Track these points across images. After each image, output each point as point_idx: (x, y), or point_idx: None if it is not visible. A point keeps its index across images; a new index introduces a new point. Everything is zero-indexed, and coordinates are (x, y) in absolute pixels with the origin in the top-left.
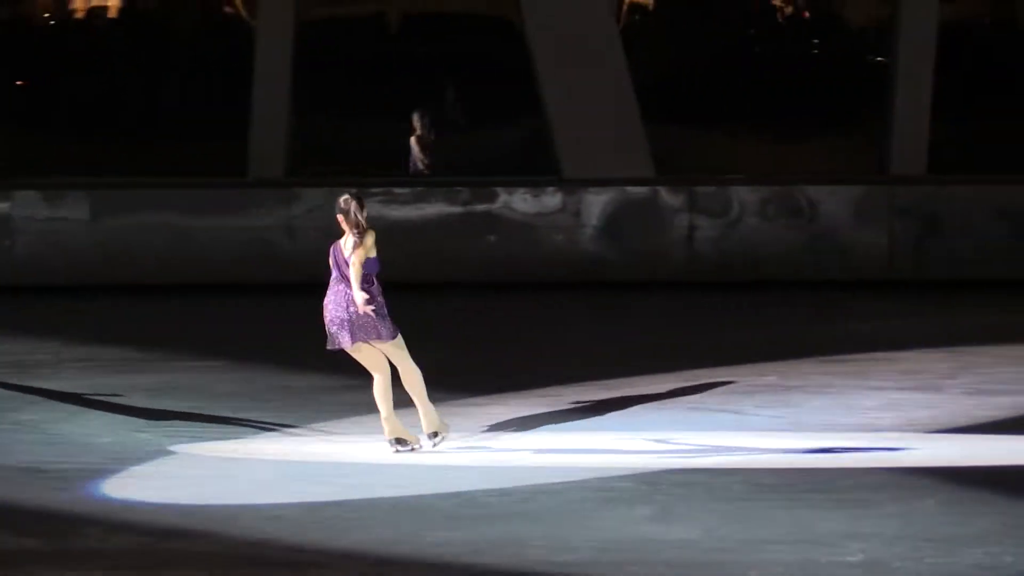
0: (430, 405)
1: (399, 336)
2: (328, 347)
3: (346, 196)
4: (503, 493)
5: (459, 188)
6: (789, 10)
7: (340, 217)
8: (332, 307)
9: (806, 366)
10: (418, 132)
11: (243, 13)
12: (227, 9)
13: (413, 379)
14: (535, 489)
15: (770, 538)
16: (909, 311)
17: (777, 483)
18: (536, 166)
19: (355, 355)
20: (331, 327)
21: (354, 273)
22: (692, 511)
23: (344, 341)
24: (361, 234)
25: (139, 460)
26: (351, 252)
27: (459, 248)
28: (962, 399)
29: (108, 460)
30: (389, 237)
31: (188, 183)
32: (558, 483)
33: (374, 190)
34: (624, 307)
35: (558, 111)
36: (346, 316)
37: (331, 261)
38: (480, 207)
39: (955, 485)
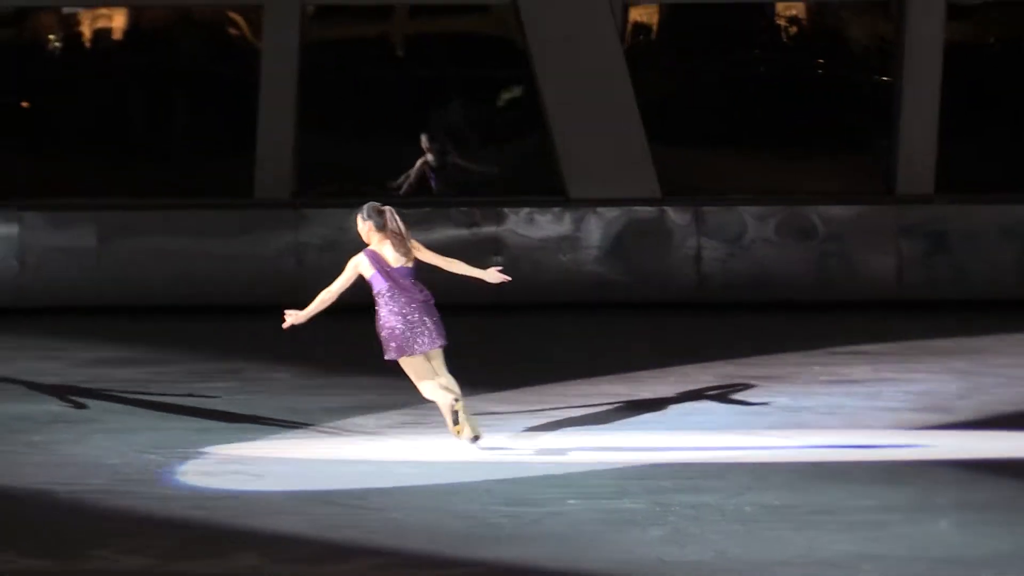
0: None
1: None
2: (391, 357)
3: (373, 205)
4: (515, 515)
5: (465, 209)
6: (794, 30)
7: (369, 225)
8: (392, 319)
9: (816, 387)
10: (428, 157)
11: (248, 35)
12: (232, 31)
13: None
14: (548, 510)
15: (782, 560)
16: (918, 331)
17: (788, 504)
18: (542, 187)
19: (406, 366)
20: (405, 335)
21: (457, 264)
22: (704, 533)
23: (424, 344)
24: (406, 238)
25: (148, 482)
26: (404, 260)
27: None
28: (972, 420)
29: (117, 481)
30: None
31: (195, 205)
32: (571, 503)
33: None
34: (631, 328)
35: (563, 132)
36: (412, 322)
37: (373, 274)
38: (486, 228)
39: (968, 506)
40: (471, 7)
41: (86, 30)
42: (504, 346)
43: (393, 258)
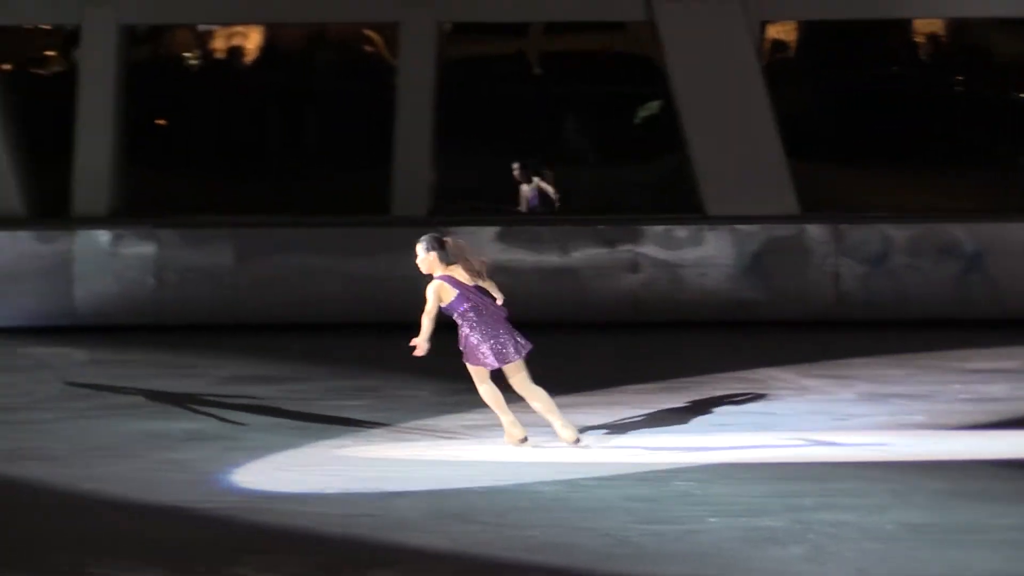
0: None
1: None
2: (497, 364)
3: (435, 236)
4: (655, 533)
5: (602, 227)
6: (933, 46)
7: (434, 256)
8: (481, 336)
9: (955, 404)
10: (524, 187)
11: (384, 52)
12: (368, 48)
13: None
14: (687, 528)
15: None
16: None
17: (929, 522)
18: (680, 204)
19: (474, 371)
20: (495, 349)
21: (495, 288)
22: (844, 551)
23: (517, 350)
24: (472, 261)
25: (285, 499)
26: (475, 280)
27: (603, 287)
28: None
29: (255, 498)
30: (533, 276)
31: (331, 222)
32: (710, 521)
33: (517, 228)
34: (768, 345)
35: (701, 148)
36: (499, 336)
37: (456, 296)
38: (624, 246)
39: None
40: (607, 24)
41: (221, 47)
42: (639, 362)
43: (466, 279)
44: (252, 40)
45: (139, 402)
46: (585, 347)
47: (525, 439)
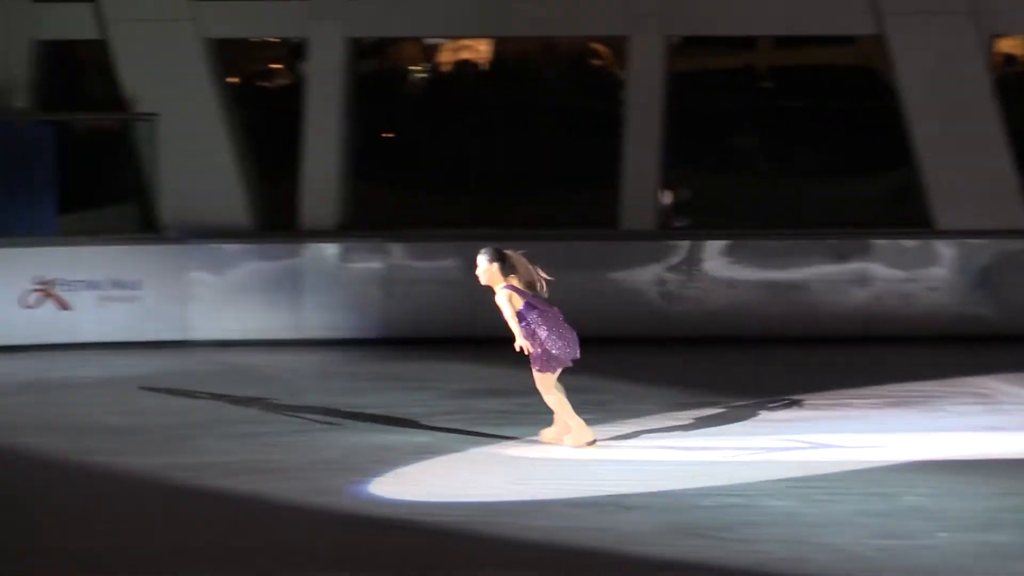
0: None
1: None
2: (556, 370)
3: (497, 248)
4: (884, 548)
5: (832, 241)
6: None
7: (496, 267)
8: (552, 339)
9: None
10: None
11: (612, 66)
12: (595, 62)
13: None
14: (917, 543)
15: None
16: None
17: None
18: (908, 217)
19: (543, 379)
20: (563, 351)
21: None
22: None
23: (573, 352)
24: (532, 273)
25: (513, 512)
26: (529, 290)
27: (833, 301)
28: None
29: (481, 512)
30: (762, 291)
31: (561, 236)
32: (940, 536)
33: (745, 242)
34: (997, 360)
35: (931, 162)
36: (565, 336)
37: (526, 305)
38: (852, 260)
39: None
40: (836, 38)
41: (448, 61)
42: (867, 374)
43: (526, 286)
44: (479, 54)
45: (367, 415)
46: (813, 360)
47: (594, 441)
